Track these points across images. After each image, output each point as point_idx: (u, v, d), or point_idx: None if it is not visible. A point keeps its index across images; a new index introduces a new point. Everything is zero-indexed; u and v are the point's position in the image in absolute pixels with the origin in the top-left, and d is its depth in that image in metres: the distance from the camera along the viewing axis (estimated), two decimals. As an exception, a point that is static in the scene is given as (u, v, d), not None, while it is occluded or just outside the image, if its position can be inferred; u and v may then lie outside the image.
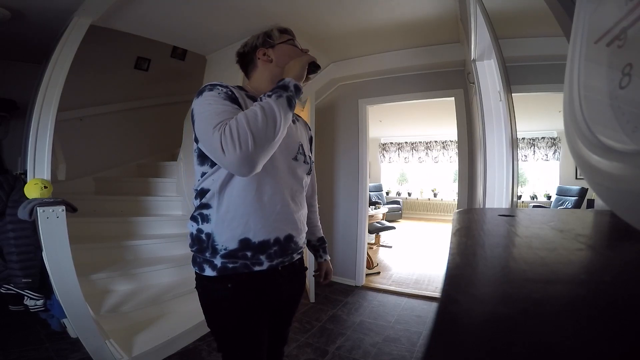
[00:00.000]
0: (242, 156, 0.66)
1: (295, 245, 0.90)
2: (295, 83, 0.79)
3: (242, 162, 0.67)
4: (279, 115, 0.72)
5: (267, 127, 0.69)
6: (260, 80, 0.93)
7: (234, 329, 0.84)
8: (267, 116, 0.70)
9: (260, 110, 0.70)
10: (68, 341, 1.79)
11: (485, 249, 0.33)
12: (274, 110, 0.71)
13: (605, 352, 0.13)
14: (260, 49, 0.93)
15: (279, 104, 0.73)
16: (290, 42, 0.94)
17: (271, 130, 0.70)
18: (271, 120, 0.70)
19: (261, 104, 0.72)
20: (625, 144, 0.24)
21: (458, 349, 0.14)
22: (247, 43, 0.96)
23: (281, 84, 0.78)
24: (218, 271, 0.81)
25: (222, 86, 0.79)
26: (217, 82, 0.81)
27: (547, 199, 5.86)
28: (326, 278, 1.18)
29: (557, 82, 0.45)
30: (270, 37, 0.93)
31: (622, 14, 0.26)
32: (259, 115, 0.69)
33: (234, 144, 0.65)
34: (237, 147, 0.65)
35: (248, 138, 0.66)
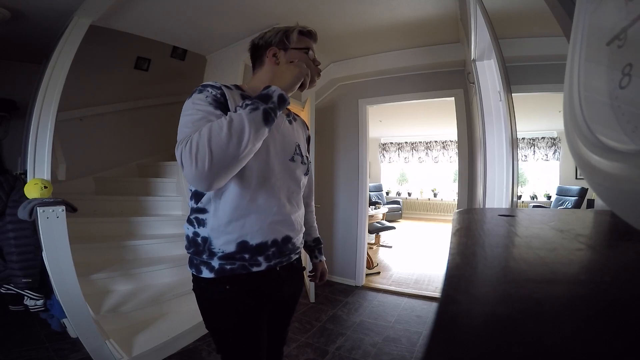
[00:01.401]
0: (197, 173, 0.63)
1: (293, 246, 0.90)
2: (281, 93, 0.73)
3: (198, 179, 0.64)
4: (248, 132, 0.65)
5: (230, 144, 0.63)
6: (261, 81, 0.88)
7: (233, 330, 0.84)
8: (233, 132, 0.64)
9: (228, 124, 0.64)
10: (68, 341, 1.79)
11: (485, 249, 0.33)
12: (243, 126, 0.65)
13: (605, 352, 0.13)
14: (272, 48, 0.88)
15: (251, 118, 0.66)
16: (306, 51, 0.89)
17: (234, 148, 0.64)
18: (236, 137, 0.64)
19: (231, 116, 0.66)
20: (625, 144, 0.24)
21: (458, 348, 0.14)
22: (264, 36, 0.90)
23: (264, 93, 0.72)
24: (216, 273, 0.80)
25: (213, 87, 0.76)
26: (212, 82, 0.78)
27: (547, 199, 5.86)
28: (321, 279, 1.18)
29: (557, 82, 0.45)
30: (288, 38, 0.87)
31: (622, 14, 0.26)
32: (224, 130, 0.63)
33: (191, 160, 0.62)
34: (194, 164, 0.62)
35: (205, 156, 0.62)
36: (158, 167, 3.22)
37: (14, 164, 2.64)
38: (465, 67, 2.50)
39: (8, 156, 2.78)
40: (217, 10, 2.06)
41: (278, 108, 0.72)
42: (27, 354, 1.68)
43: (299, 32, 0.89)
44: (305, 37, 0.90)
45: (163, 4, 1.94)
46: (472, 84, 1.96)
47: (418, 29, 2.36)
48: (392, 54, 2.80)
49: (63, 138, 2.65)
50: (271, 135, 0.83)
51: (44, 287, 1.65)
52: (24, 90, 2.30)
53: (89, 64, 2.88)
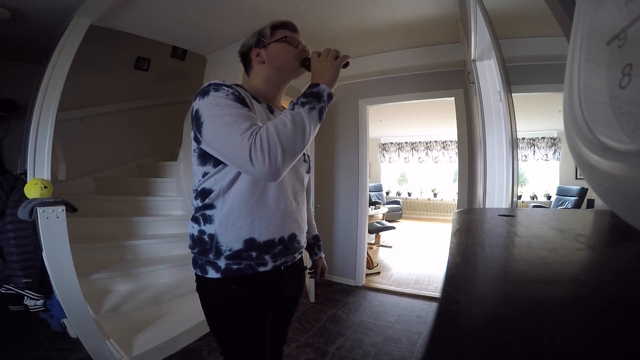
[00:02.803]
0: (271, 169, 0.66)
1: (298, 244, 0.90)
2: (330, 92, 0.77)
3: (270, 174, 0.68)
4: (309, 128, 0.71)
5: (296, 140, 0.69)
6: (256, 81, 0.92)
7: (237, 331, 0.84)
8: (297, 129, 0.69)
9: (291, 122, 0.69)
10: (68, 341, 1.79)
11: (485, 249, 0.33)
12: (304, 123, 0.70)
13: (605, 352, 0.13)
14: (254, 50, 0.91)
15: (310, 117, 0.72)
16: (284, 40, 0.90)
17: (300, 143, 0.69)
18: (300, 133, 0.69)
19: (292, 115, 0.71)
20: (625, 144, 0.24)
21: (458, 348, 0.14)
22: (245, 43, 0.94)
23: (315, 91, 0.76)
24: (222, 273, 0.79)
25: (226, 86, 0.76)
26: (221, 81, 0.78)
27: (547, 199, 5.86)
28: (321, 276, 1.19)
29: (557, 82, 0.45)
30: (263, 36, 0.90)
31: (622, 14, 0.26)
32: (289, 127, 0.68)
33: (264, 157, 0.65)
34: (267, 160, 0.66)
35: (278, 152, 0.66)
36: (158, 167, 3.22)
37: (14, 164, 2.64)
38: (465, 67, 2.50)
39: (8, 156, 2.78)
40: (217, 10, 2.06)
41: (327, 105, 0.78)
42: (27, 354, 1.68)
43: (271, 27, 0.91)
44: (280, 29, 0.92)
45: (163, 4, 1.94)
46: (472, 84, 1.96)
47: (418, 29, 2.36)
48: (392, 54, 2.80)
49: (63, 138, 2.65)
50: None
51: (44, 287, 1.65)
52: (24, 90, 2.30)
53: (89, 64, 2.88)
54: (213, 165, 0.79)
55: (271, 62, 0.89)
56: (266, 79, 0.90)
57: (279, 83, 0.93)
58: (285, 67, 0.90)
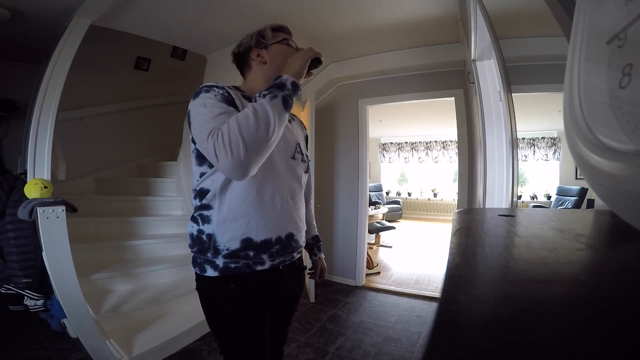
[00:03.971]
0: (234, 162, 0.65)
1: (296, 244, 0.91)
2: (294, 80, 0.76)
3: (235, 168, 0.66)
4: (273, 118, 0.69)
5: (259, 131, 0.67)
6: (255, 82, 0.92)
7: (236, 329, 0.84)
8: (259, 119, 0.67)
9: (253, 113, 0.68)
10: (68, 341, 1.79)
11: (485, 249, 0.33)
12: (267, 113, 0.69)
13: (605, 352, 0.13)
14: (254, 50, 0.92)
15: (273, 105, 0.70)
16: (284, 42, 0.92)
17: (264, 133, 0.67)
18: (263, 124, 0.67)
19: (254, 106, 0.69)
20: (625, 144, 0.24)
21: (458, 348, 0.14)
22: (242, 43, 0.94)
23: (278, 82, 0.75)
24: (220, 271, 0.80)
25: (218, 87, 0.78)
26: (214, 83, 0.80)
27: (547, 199, 5.86)
28: (321, 276, 1.19)
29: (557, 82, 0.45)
30: (264, 37, 0.91)
31: (622, 14, 0.26)
32: (251, 118, 0.67)
33: (226, 150, 0.64)
34: (229, 153, 0.64)
35: (240, 144, 0.64)
36: (158, 167, 3.22)
37: (14, 164, 2.64)
38: (465, 67, 2.50)
39: (8, 156, 2.78)
40: (217, 10, 2.06)
41: (293, 94, 0.76)
42: (27, 354, 1.68)
43: (271, 29, 0.93)
44: (279, 32, 0.94)
45: (163, 4, 1.94)
46: (472, 84, 1.96)
47: (418, 29, 2.36)
48: (392, 54, 2.80)
49: (63, 138, 2.65)
50: None
51: (44, 287, 1.65)
52: (24, 90, 2.30)
53: (89, 64, 2.88)
54: (209, 165, 0.80)
55: (273, 62, 0.90)
56: (266, 78, 0.90)
57: None
58: None
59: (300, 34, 2.32)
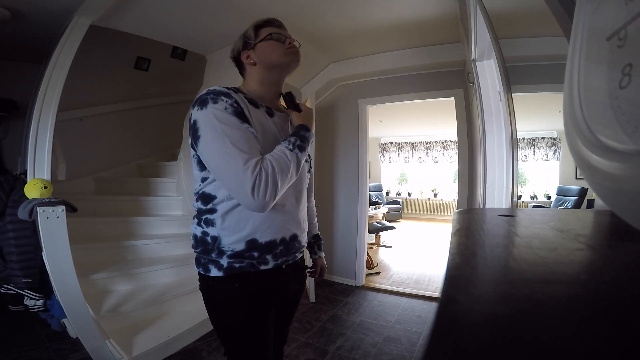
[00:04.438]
0: (267, 202, 0.72)
1: (299, 244, 0.91)
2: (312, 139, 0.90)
3: (264, 207, 0.73)
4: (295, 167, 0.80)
5: (291, 179, 0.79)
6: (251, 83, 0.91)
7: (241, 329, 0.84)
8: (294, 172, 0.79)
9: (294, 166, 0.78)
10: (68, 341, 1.79)
11: (485, 249, 0.33)
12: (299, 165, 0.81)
13: (605, 352, 0.13)
14: (243, 53, 0.90)
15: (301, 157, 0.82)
16: (269, 38, 0.87)
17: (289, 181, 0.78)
18: (295, 174, 0.79)
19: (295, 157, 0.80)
20: (625, 144, 0.24)
21: (458, 348, 0.14)
22: (234, 47, 0.93)
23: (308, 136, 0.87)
24: (225, 271, 0.80)
25: (225, 96, 0.75)
26: (219, 89, 0.77)
27: (547, 199, 5.86)
28: (321, 275, 1.19)
29: (557, 82, 0.45)
30: (248, 37, 0.89)
31: (622, 14, 0.26)
32: (292, 171, 0.77)
33: (266, 191, 0.71)
34: (269, 196, 0.72)
35: (278, 189, 0.73)
36: (158, 167, 3.22)
37: (14, 164, 2.64)
38: (465, 67, 2.50)
39: (8, 156, 2.78)
40: (217, 10, 2.06)
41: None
42: (27, 354, 1.68)
43: (254, 27, 0.90)
44: (263, 27, 0.90)
45: (163, 4, 1.94)
46: (472, 84, 1.96)
47: (418, 29, 2.36)
48: (392, 54, 2.80)
49: (63, 138, 2.65)
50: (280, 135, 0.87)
51: (44, 287, 1.65)
52: (24, 90, 2.30)
53: (89, 64, 2.88)
54: None
55: (261, 62, 0.88)
56: (260, 80, 0.89)
57: (273, 82, 0.91)
58: (275, 64, 0.88)
59: (300, 34, 2.32)
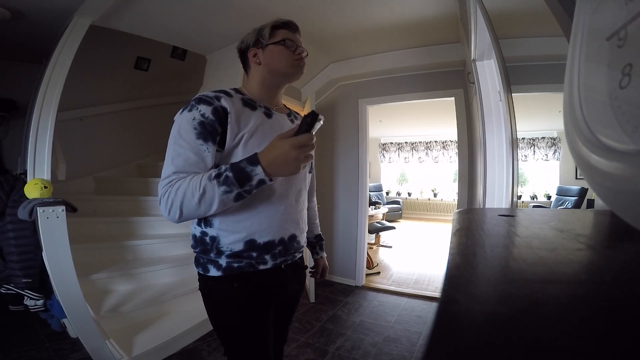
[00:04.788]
0: (170, 219, 0.75)
1: (298, 245, 0.91)
2: (262, 178, 0.70)
3: (172, 220, 0.75)
4: (217, 206, 0.72)
5: (199, 210, 0.72)
6: (252, 83, 0.89)
7: (240, 328, 0.84)
8: (202, 203, 0.71)
9: (200, 197, 0.70)
10: (68, 341, 1.79)
11: (485, 249, 0.33)
12: (212, 201, 0.70)
13: (605, 352, 0.13)
14: (251, 49, 0.87)
15: (222, 199, 0.70)
16: (282, 43, 0.85)
17: (202, 212, 0.73)
18: (205, 207, 0.72)
19: (205, 188, 0.70)
20: (625, 144, 0.24)
21: (458, 348, 0.14)
22: (244, 40, 0.90)
23: (247, 173, 0.69)
24: (223, 271, 0.81)
25: (207, 103, 0.75)
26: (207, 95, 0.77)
27: (547, 199, 5.86)
28: (322, 275, 1.19)
29: (557, 82, 0.45)
30: (262, 36, 0.86)
31: (622, 14, 0.26)
32: (195, 200, 0.70)
33: (166, 210, 0.73)
34: (167, 213, 0.73)
35: (177, 213, 0.72)
36: (158, 167, 3.22)
37: (14, 164, 2.64)
38: (465, 67, 2.50)
39: (8, 156, 2.78)
40: (218, 10, 2.06)
41: (254, 188, 0.72)
42: (27, 354, 1.68)
43: (271, 27, 0.86)
44: (280, 29, 0.87)
45: (163, 4, 1.94)
46: (472, 84, 1.96)
47: (418, 29, 2.36)
48: (392, 54, 2.80)
49: (63, 138, 2.65)
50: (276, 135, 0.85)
51: (44, 287, 1.65)
52: (24, 90, 2.30)
53: (89, 64, 2.88)
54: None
55: (267, 65, 0.86)
56: (261, 81, 0.88)
57: (274, 86, 0.90)
58: (279, 72, 0.87)
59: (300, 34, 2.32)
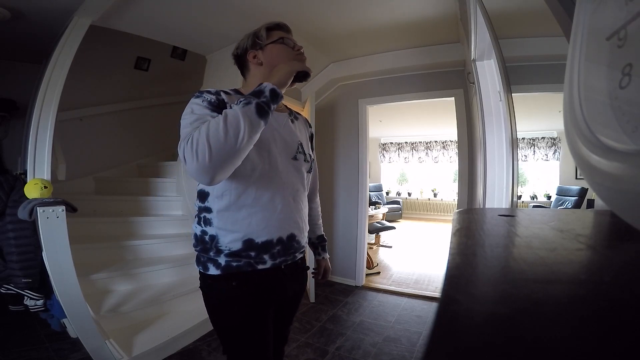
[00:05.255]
0: (199, 167, 0.65)
1: (298, 244, 0.91)
2: (273, 88, 0.73)
3: (201, 172, 0.66)
4: (243, 125, 0.67)
5: (227, 137, 0.65)
6: (253, 84, 0.90)
7: (240, 328, 0.84)
8: (229, 126, 0.66)
9: (223, 119, 0.67)
10: (68, 341, 1.79)
11: (485, 249, 0.33)
12: (238, 120, 0.67)
13: (604, 352, 0.13)
14: (250, 52, 0.90)
15: (245, 112, 0.68)
16: (280, 42, 0.89)
17: (232, 140, 0.66)
18: (233, 130, 0.66)
19: (226, 112, 0.68)
20: (625, 144, 0.24)
21: (458, 348, 0.14)
22: (239, 45, 0.93)
23: (257, 89, 0.74)
24: (222, 270, 0.81)
25: (210, 93, 0.79)
26: (210, 88, 0.81)
27: (547, 199, 5.86)
28: (324, 276, 1.19)
29: (557, 82, 0.45)
30: (259, 37, 0.89)
31: (621, 14, 0.26)
32: (220, 125, 0.66)
33: (192, 155, 0.65)
34: (194, 158, 0.64)
35: (205, 150, 0.64)
36: (158, 167, 3.22)
37: (14, 164, 2.64)
38: (465, 67, 2.50)
39: (8, 156, 2.78)
40: (217, 10, 2.06)
41: (271, 102, 0.73)
42: (27, 354, 1.68)
43: (266, 28, 0.91)
44: (274, 30, 0.91)
45: (163, 3, 1.94)
46: (472, 84, 1.96)
47: (418, 29, 2.36)
48: (392, 54, 2.80)
49: (63, 138, 2.65)
50: (272, 135, 0.86)
51: (44, 287, 1.65)
52: (24, 90, 2.30)
53: (89, 64, 2.88)
54: None
55: (269, 63, 0.89)
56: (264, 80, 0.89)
57: None
58: None
59: (300, 34, 2.32)
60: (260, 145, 0.81)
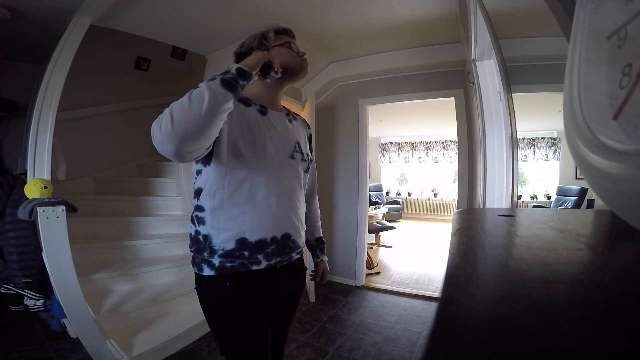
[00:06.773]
0: (162, 136, 0.66)
1: (294, 244, 0.90)
2: (239, 66, 0.74)
3: (163, 141, 0.66)
4: (207, 96, 0.67)
5: (191, 106, 0.66)
6: (255, 84, 0.89)
7: (235, 329, 0.84)
8: (192, 98, 0.67)
9: (188, 94, 0.68)
10: (68, 341, 1.79)
11: (485, 249, 0.33)
12: (202, 91, 0.68)
13: (604, 352, 0.13)
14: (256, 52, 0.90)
15: (208, 85, 0.69)
16: (287, 45, 0.92)
17: (195, 109, 0.66)
18: (196, 101, 0.66)
19: (192, 89, 0.70)
20: (625, 144, 0.24)
21: (458, 348, 0.14)
22: (244, 44, 0.94)
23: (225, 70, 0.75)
24: (216, 270, 0.81)
25: None
26: None
27: (547, 199, 5.86)
28: (322, 279, 1.18)
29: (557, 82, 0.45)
30: (267, 39, 0.91)
31: (621, 14, 0.26)
32: (185, 98, 0.68)
33: (158, 127, 0.67)
34: (159, 129, 0.66)
35: (169, 119, 0.66)
36: (158, 167, 3.22)
37: (14, 164, 2.64)
38: (465, 67, 2.50)
39: (8, 156, 2.78)
40: (218, 10, 2.05)
41: (239, 77, 0.72)
42: (27, 354, 1.68)
43: (274, 31, 0.92)
44: (281, 34, 0.94)
45: (163, 3, 1.94)
46: (472, 84, 1.96)
47: (418, 29, 2.36)
48: (392, 54, 2.79)
49: (63, 138, 2.65)
50: (268, 132, 0.86)
51: (44, 287, 1.65)
52: (24, 90, 2.30)
53: (89, 64, 2.88)
54: (202, 162, 0.82)
55: None
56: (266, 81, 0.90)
57: (278, 86, 0.94)
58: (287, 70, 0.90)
59: (300, 34, 2.31)
60: (255, 142, 0.81)
